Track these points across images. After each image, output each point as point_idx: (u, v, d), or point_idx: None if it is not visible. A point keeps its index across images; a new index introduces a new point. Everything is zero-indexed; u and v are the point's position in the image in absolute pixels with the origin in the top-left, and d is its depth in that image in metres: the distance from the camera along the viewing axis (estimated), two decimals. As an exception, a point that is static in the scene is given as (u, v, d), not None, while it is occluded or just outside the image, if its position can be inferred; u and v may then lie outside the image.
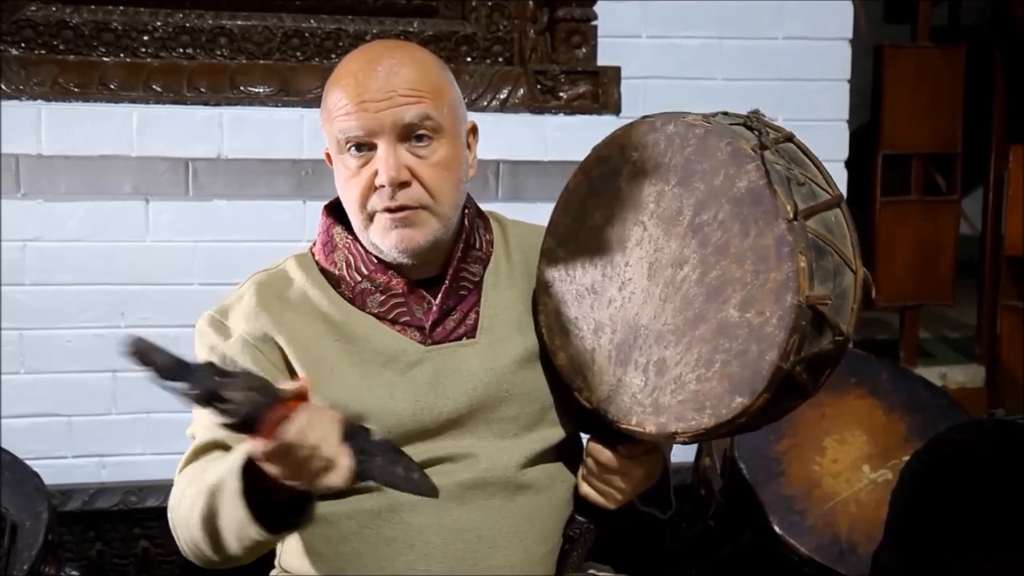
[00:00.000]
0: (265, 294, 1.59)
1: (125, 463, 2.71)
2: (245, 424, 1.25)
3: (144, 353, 1.18)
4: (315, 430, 1.27)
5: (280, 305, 1.58)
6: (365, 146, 1.53)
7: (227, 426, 1.25)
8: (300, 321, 1.57)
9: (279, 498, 1.35)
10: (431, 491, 1.39)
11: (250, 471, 1.34)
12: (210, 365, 1.25)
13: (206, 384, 1.21)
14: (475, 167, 1.63)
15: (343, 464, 1.29)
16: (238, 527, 1.37)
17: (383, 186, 1.51)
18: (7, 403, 2.64)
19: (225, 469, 1.38)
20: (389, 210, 1.53)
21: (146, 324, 2.66)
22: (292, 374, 1.55)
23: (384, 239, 1.55)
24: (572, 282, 1.58)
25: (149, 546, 2.71)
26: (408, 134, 1.52)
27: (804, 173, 1.46)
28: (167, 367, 1.19)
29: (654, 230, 1.50)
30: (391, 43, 1.64)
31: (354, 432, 1.35)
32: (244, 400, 1.23)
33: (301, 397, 1.29)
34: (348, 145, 1.53)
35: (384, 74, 1.52)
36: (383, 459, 1.36)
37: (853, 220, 1.50)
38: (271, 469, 1.29)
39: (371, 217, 1.55)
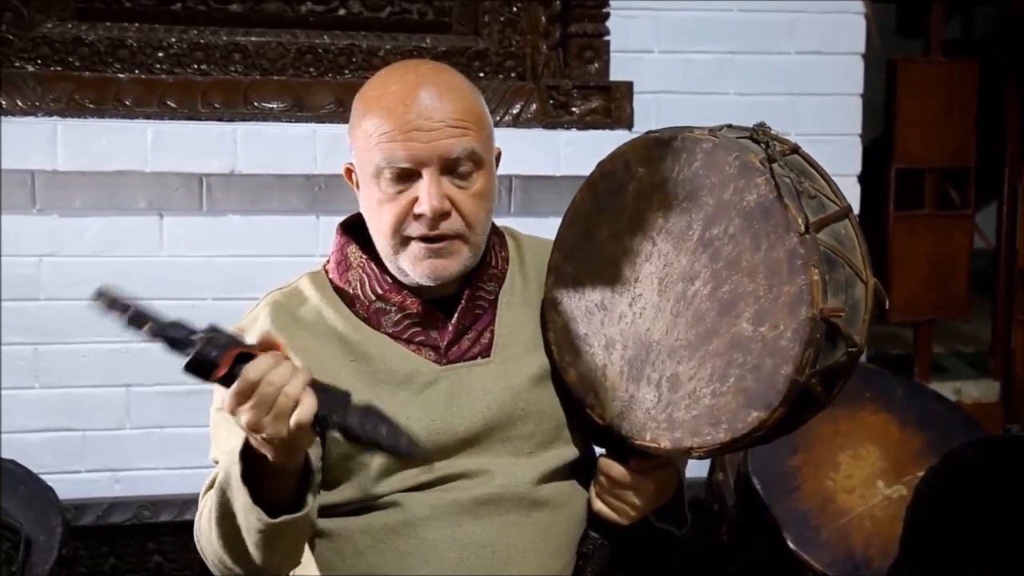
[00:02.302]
0: (280, 314, 1.58)
1: (139, 477, 2.72)
2: (202, 364, 1.27)
3: (110, 300, 1.24)
4: (278, 371, 1.30)
5: (295, 325, 1.58)
6: (407, 173, 1.51)
7: (188, 365, 1.27)
8: (315, 341, 1.56)
9: (281, 490, 1.38)
10: (423, 455, 1.41)
11: (249, 457, 1.36)
12: (182, 320, 1.29)
13: (167, 328, 1.27)
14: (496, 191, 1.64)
15: (307, 402, 1.30)
16: (244, 517, 1.38)
17: (423, 215, 1.50)
18: (22, 417, 2.65)
19: (229, 460, 1.40)
20: (426, 239, 1.52)
21: (160, 339, 2.66)
22: None
23: (415, 267, 1.54)
24: (581, 298, 1.58)
25: (163, 560, 2.71)
26: (453, 167, 1.51)
27: (812, 185, 1.45)
28: (130, 312, 1.25)
29: (663, 245, 1.50)
30: (433, 67, 1.60)
31: (330, 390, 1.36)
32: (204, 336, 1.27)
33: (268, 347, 1.32)
34: (387, 172, 1.51)
35: (431, 102, 1.49)
36: (363, 416, 1.35)
37: (862, 230, 1.49)
38: (241, 418, 1.31)
39: (404, 243, 1.54)
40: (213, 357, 1.28)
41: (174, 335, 1.28)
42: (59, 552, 2.42)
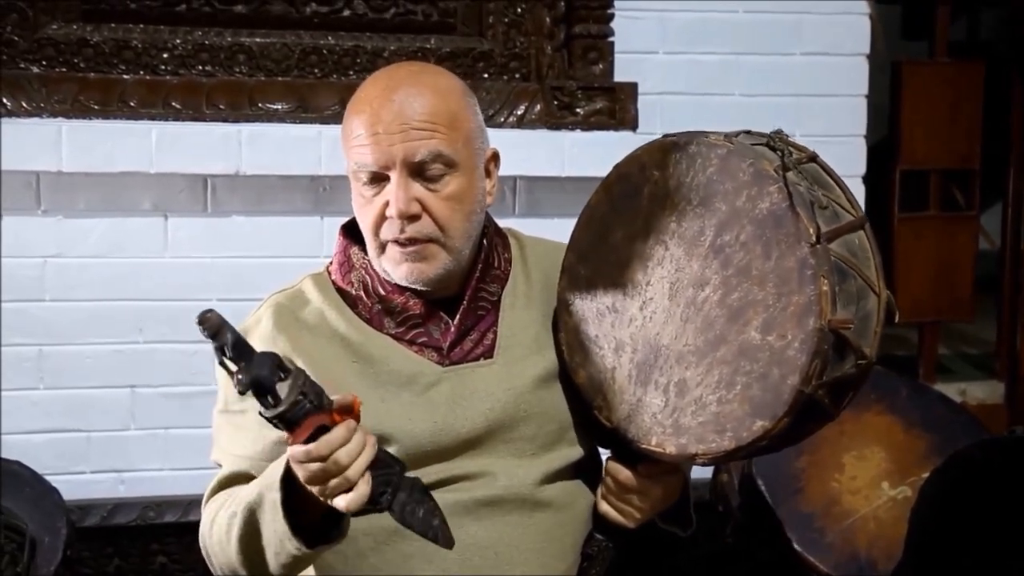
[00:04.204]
0: (283, 316, 1.59)
1: (143, 478, 2.72)
2: (283, 422, 1.28)
3: (215, 327, 1.21)
4: (348, 449, 1.30)
5: (298, 327, 1.58)
6: (378, 176, 1.52)
7: (266, 418, 1.27)
8: (318, 344, 1.57)
9: (315, 514, 1.37)
10: (447, 542, 1.41)
11: (289, 484, 1.35)
12: (271, 355, 1.28)
13: (257, 372, 1.24)
14: (494, 193, 1.63)
15: (360, 491, 1.32)
16: (277, 541, 1.38)
17: (392, 217, 1.51)
18: (26, 418, 2.65)
19: (264, 484, 1.40)
20: (399, 243, 1.53)
21: (164, 340, 2.67)
22: None
23: (395, 270, 1.55)
24: (593, 300, 1.58)
25: (167, 561, 2.72)
26: (419, 170, 1.51)
27: (827, 195, 1.45)
28: (230, 346, 1.23)
29: (675, 250, 1.50)
30: (415, 68, 1.63)
31: (387, 463, 1.38)
32: (289, 399, 1.26)
33: (347, 411, 1.32)
34: (362, 175, 1.53)
35: (399, 105, 1.50)
36: (407, 497, 1.39)
37: (877, 242, 1.49)
38: (296, 470, 1.32)
39: (383, 247, 1.55)
40: (298, 419, 1.28)
41: (263, 379, 1.25)
42: (64, 553, 2.42)
